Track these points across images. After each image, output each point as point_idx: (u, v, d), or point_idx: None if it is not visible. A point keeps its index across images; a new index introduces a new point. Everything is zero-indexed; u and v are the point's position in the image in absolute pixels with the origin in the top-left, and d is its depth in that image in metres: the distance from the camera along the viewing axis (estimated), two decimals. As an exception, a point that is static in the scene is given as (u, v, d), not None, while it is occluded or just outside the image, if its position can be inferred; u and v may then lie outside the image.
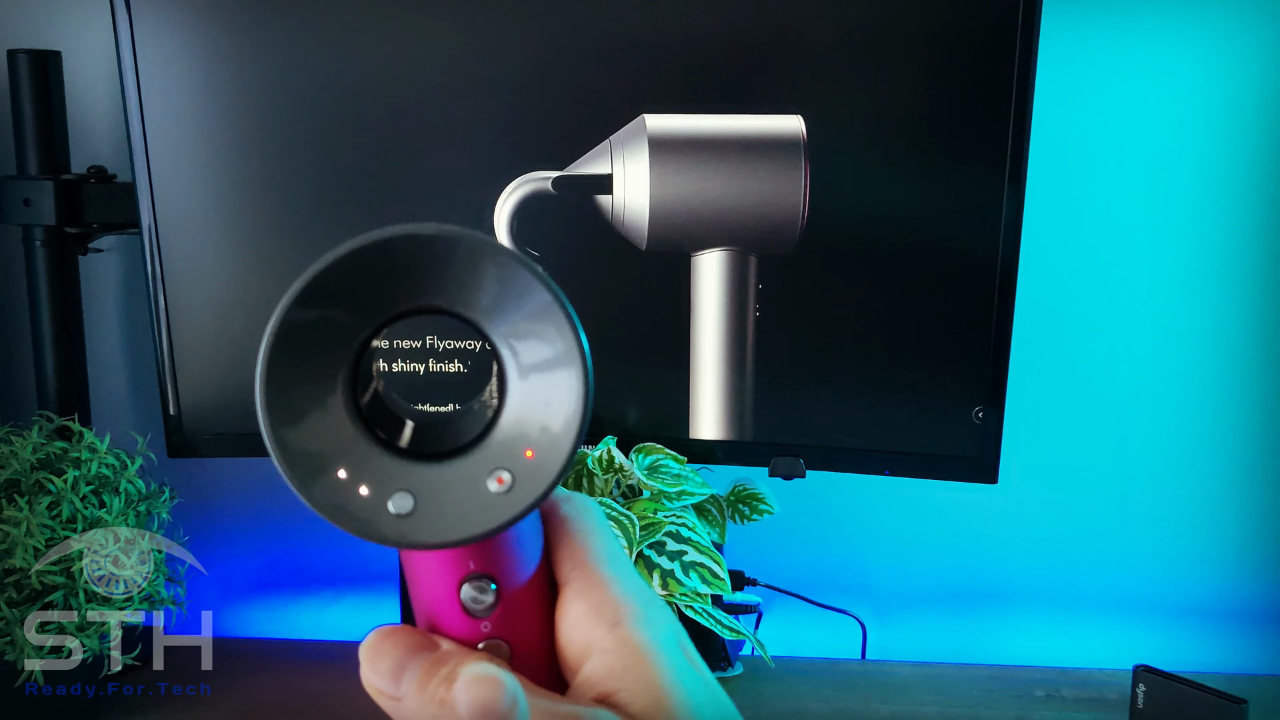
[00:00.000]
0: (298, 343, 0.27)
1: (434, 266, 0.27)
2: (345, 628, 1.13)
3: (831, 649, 1.09)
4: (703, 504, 0.89)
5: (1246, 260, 1.02)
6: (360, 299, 0.27)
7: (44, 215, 0.93)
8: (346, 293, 0.27)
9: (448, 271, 0.27)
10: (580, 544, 0.31)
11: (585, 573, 0.30)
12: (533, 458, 0.27)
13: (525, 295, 0.27)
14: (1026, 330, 0.87)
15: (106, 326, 1.08)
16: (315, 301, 0.27)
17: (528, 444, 0.27)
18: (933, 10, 0.81)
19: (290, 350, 0.27)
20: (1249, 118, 0.99)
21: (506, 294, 0.27)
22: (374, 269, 0.26)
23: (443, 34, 0.84)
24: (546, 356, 0.27)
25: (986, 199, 0.82)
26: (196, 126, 0.86)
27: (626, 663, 0.29)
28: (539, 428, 0.27)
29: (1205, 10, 0.98)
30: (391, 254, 0.26)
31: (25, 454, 0.81)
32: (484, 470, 0.27)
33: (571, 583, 0.30)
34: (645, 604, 0.30)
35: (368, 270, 0.26)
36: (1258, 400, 1.04)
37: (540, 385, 0.27)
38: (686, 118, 0.83)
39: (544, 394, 0.27)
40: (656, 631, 0.29)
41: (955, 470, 0.87)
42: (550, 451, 0.27)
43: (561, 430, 0.27)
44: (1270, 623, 1.08)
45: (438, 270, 0.27)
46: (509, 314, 0.27)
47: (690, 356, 0.88)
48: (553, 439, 0.27)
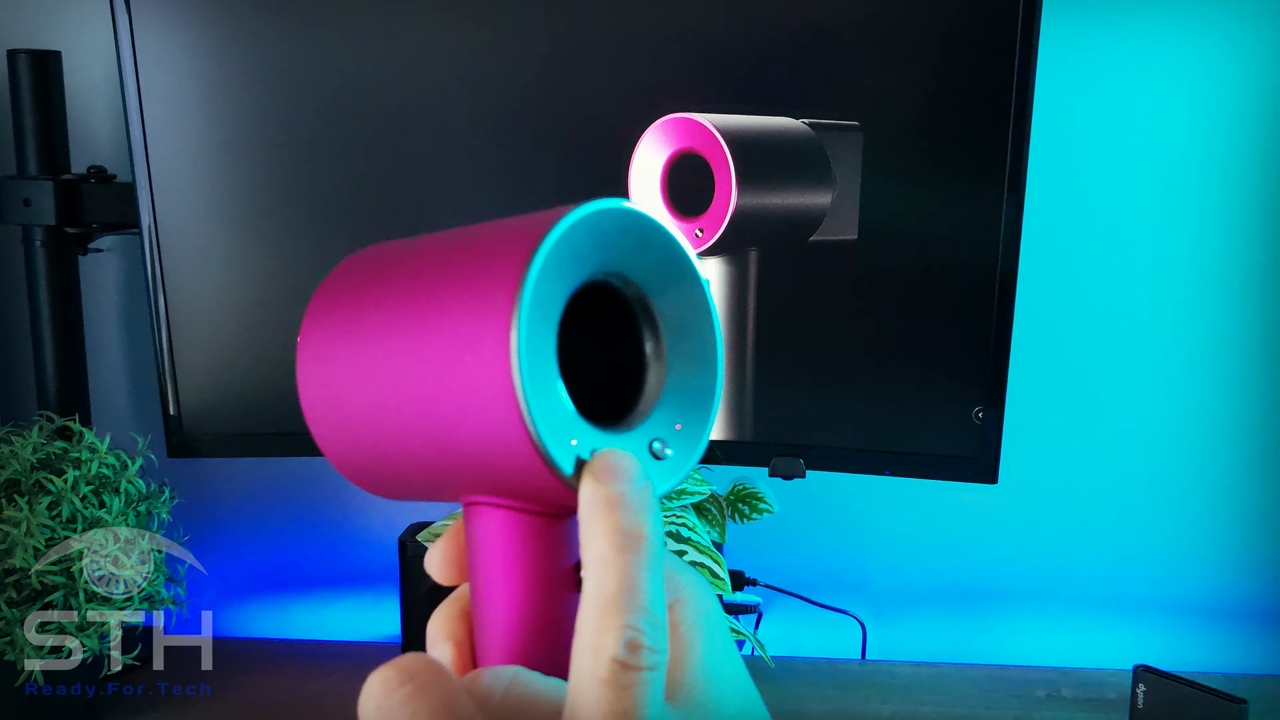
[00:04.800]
0: (541, 294, 0.27)
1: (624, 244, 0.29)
2: (345, 628, 1.13)
3: (831, 649, 1.09)
4: (703, 503, 0.89)
5: (1246, 260, 1.02)
6: (577, 262, 0.28)
7: (44, 215, 0.93)
8: (570, 255, 0.28)
9: (638, 248, 0.29)
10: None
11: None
12: (681, 430, 0.30)
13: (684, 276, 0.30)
14: (1026, 330, 0.87)
15: (106, 326, 1.08)
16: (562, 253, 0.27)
17: (678, 418, 0.30)
18: (932, 13, 0.81)
19: (540, 298, 0.27)
20: (1249, 118, 0.99)
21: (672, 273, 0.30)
22: (589, 237, 0.28)
23: (443, 33, 0.84)
24: (694, 338, 0.30)
25: (986, 199, 0.82)
26: (196, 126, 0.86)
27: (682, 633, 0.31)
28: (685, 405, 0.30)
29: (1205, 10, 0.98)
30: (602, 224, 0.28)
31: (25, 454, 0.81)
32: (646, 439, 0.29)
33: None
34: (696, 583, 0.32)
35: (585, 237, 0.28)
36: (1258, 400, 1.04)
37: (688, 366, 0.30)
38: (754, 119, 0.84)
39: (690, 375, 0.30)
40: (707, 607, 0.32)
41: (955, 470, 0.87)
42: (695, 427, 0.30)
43: (702, 410, 0.30)
44: (1270, 623, 1.08)
45: (632, 246, 0.29)
46: (673, 298, 0.30)
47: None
48: (696, 415, 0.30)
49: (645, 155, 0.84)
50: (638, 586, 0.27)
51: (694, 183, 0.84)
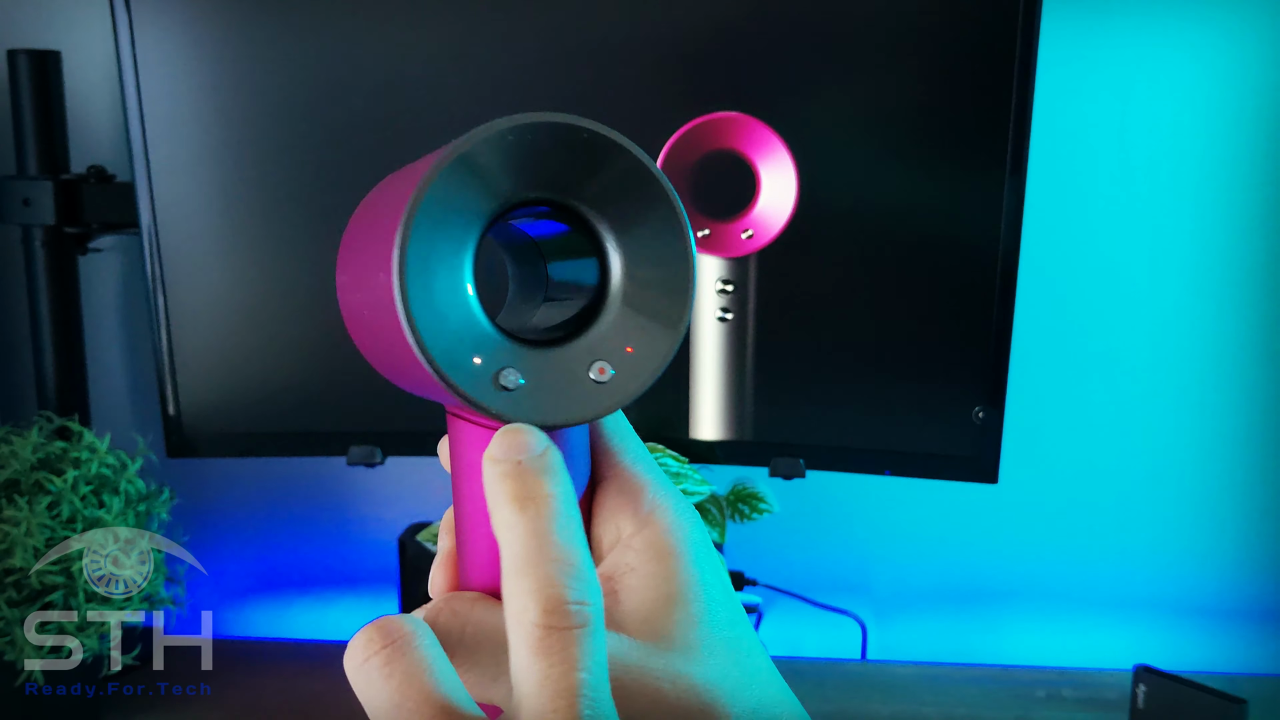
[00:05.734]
0: (435, 217, 0.27)
1: (559, 157, 0.28)
2: (345, 628, 1.13)
3: (831, 649, 1.09)
4: (703, 503, 0.89)
5: (1247, 260, 1.02)
6: (493, 182, 0.28)
7: (44, 215, 0.93)
8: (482, 174, 0.28)
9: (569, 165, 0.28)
10: (616, 444, 0.32)
11: (622, 472, 0.31)
12: (632, 354, 0.29)
13: (642, 193, 0.28)
14: (1026, 330, 0.87)
15: (106, 326, 1.08)
16: (456, 180, 0.27)
17: (629, 341, 0.29)
18: (934, 6, 0.81)
19: (427, 223, 0.27)
20: (1249, 117, 0.99)
21: (623, 189, 0.28)
22: (509, 154, 0.28)
23: (443, 34, 0.84)
24: (653, 259, 0.29)
25: (987, 199, 0.82)
26: (196, 126, 0.86)
27: (650, 558, 0.30)
28: (640, 328, 0.29)
29: (1205, 10, 0.98)
30: (526, 142, 0.27)
31: (25, 454, 0.81)
32: (586, 360, 0.29)
33: (608, 479, 0.31)
34: (679, 508, 0.31)
35: (503, 155, 0.28)
36: (1258, 400, 1.04)
37: (645, 288, 0.29)
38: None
39: (648, 297, 0.29)
40: (685, 534, 0.30)
41: (955, 470, 0.87)
42: (649, 351, 0.29)
43: (662, 332, 0.29)
44: (1270, 623, 1.08)
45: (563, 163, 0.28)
46: (621, 209, 0.29)
47: (690, 356, 0.88)
48: (652, 340, 0.29)
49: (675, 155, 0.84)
50: (546, 542, 0.26)
51: (723, 183, 0.84)
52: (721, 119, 0.83)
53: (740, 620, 0.30)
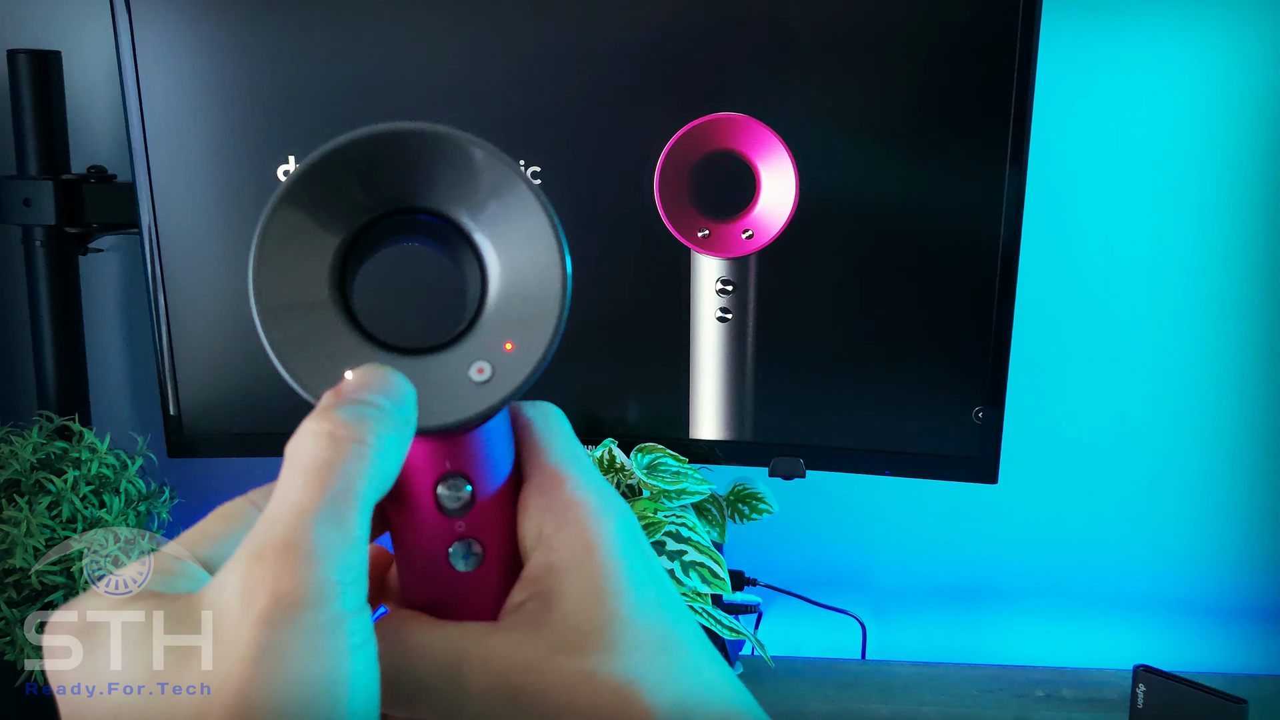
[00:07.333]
0: (286, 240, 0.28)
1: (416, 165, 0.28)
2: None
3: (831, 649, 1.09)
4: (702, 503, 0.89)
5: (1247, 260, 1.02)
6: (342, 200, 0.28)
7: (44, 215, 0.93)
8: (329, 194, 0.28)
9: (428, 172, 0.28)
10: (543, 444, 0.31)
11: (544, 470, 0.31)
12: (512, 350, 0.28)
13: (503, 190, 0.28)
14: (1027, 330, 0.87)
15: (106, 326, 1.08)
16: (298, 203, 0.28)
17: (507, 337, 0.29)
18: (934, 5, 0.81)
19: (278, 249, 0.28)
20: (1249, 116, 0.99)
21: (484, 189, 0.28)
22: (352, 169, 0.28)
23: (443, 34, 0.84)
24: (524, 253, 0.29)
25: (986, 200, 0.82)
26: (196, 126, 0.86)
27: (569, 555, 0.29)
28: (518, 322, 0.29)
29: (1205, 9, 0.98)
30: (367, 153, 0.28)
31: (25, 454, 0.81)
32: (466, 362, 0.28)
33: (530, 478, 0.31)
34: (601, 501, 0.30)
35: (347, 170, 0.28)
36: (1258, 400, 1.04)
37: (519, 281, 0.29)
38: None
39: (522, 290, 0.29)
40: (607, 527, 0.30)
41: (955, 470, 0.87)
42: (529, 345, 0.28)
43: (539, 325, 0.28)
44: (1270, 623, 1.08)
45: (420, 171, 0.28)
46: (488, 209, 0.29)
47: (690, 356, 0.88)
48: (531, 333, 0.28)
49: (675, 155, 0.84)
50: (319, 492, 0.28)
51: (723, 184, 0.84)
52: (721, 119, 0.83)
53: (671, 611, 0.30)
